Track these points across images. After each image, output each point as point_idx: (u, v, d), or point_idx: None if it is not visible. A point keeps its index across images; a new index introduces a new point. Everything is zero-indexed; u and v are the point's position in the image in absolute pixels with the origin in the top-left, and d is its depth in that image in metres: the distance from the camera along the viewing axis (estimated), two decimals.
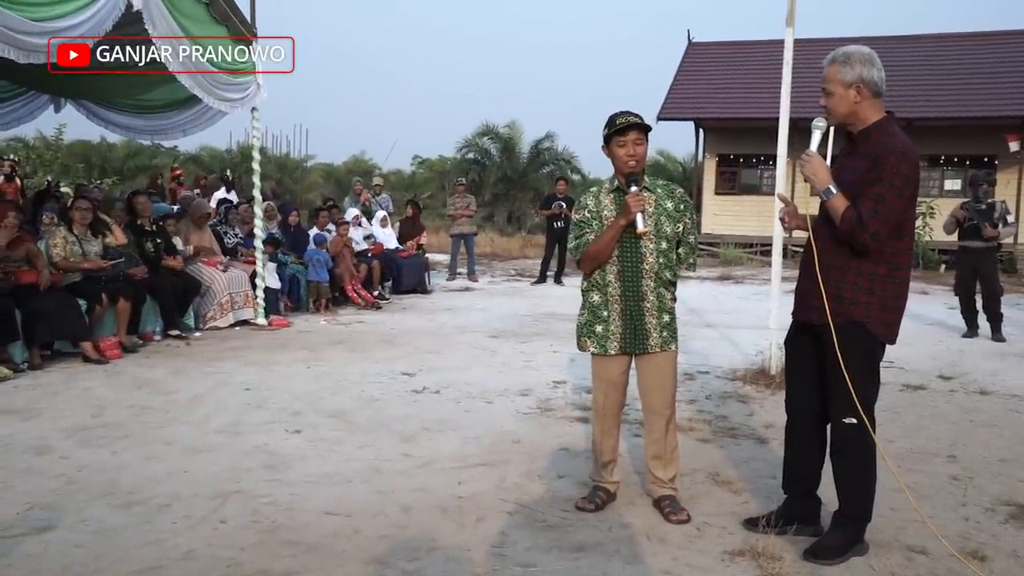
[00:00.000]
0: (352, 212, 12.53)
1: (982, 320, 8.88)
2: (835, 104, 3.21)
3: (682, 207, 3.67)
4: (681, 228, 3.66)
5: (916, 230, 17.71)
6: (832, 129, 3.32)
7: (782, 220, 3.56)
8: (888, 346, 3.30)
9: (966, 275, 8.98)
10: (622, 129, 3.57)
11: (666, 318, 3.67)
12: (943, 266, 17.43)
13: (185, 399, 5.72)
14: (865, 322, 3.16)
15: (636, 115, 3.61)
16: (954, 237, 9.19)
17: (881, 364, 3.34)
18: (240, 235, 9.91)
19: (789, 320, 3.53)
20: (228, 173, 16.54)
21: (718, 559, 3.24)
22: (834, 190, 3.14)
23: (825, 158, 3.27)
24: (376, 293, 11.38)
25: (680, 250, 3.71)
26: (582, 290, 3.81)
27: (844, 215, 3.09)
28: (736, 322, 9.76)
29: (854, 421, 3.18)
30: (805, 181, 3.27)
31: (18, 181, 12.40)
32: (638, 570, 3.14)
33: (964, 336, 8.83)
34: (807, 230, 3.31)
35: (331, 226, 11.26)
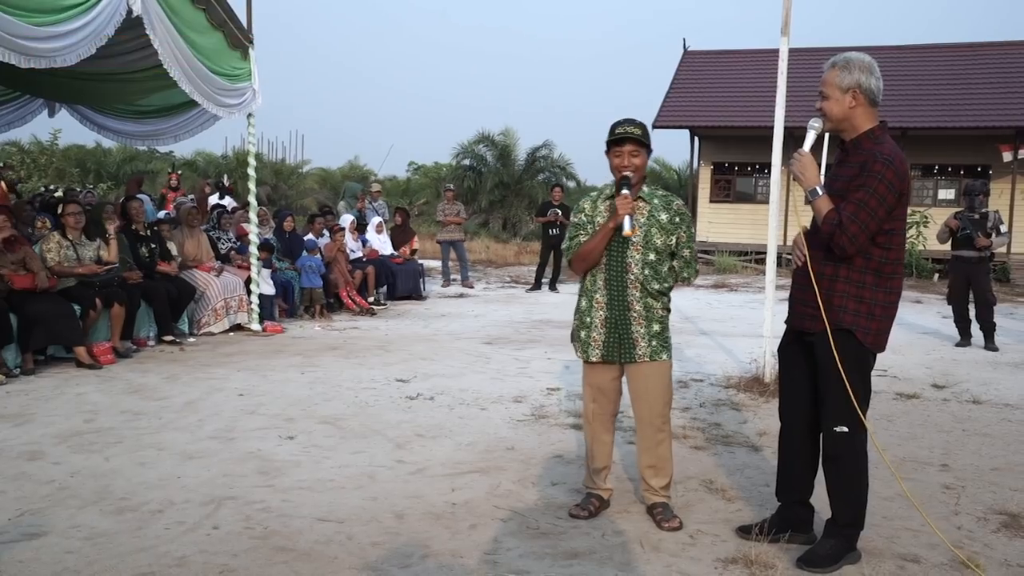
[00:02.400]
0: (347, 218, 12.54)
1: (975, 329, 8.92)
2: (831, 107, 3.25)
3: (678, 219, 3.65)
4: (675, 241, 3.65)
5: (910, 239, 17.86)
6: (827, 136, 3.34)
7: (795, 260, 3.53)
8: (883, 354, 3.31)
9: (959, 285, 9.01)
10: (619, 140, 3.58)
11: (656, 328, 3.66)
12: (936, 275, 17.51)
13: (178, 405, 5.71)
14: (854, 329, 3.19)
15: (637, 125, 3.61)
16: (948, 247, 9.23)
17: (874, 373, 3.35)
18: (233, 239, 9.91)
19: (783, 328, 3.54)
20: (224, 179, 16.51)
21: (711, 567, 3.24)
22: (820, 191, 3.19)
23: (819, 164, 3.29)
24: (371, 299, 11.38)
25: (674, 263, 3.71)
26: (577, 294, 3.83)
27: (827, 216, 3.13)
28: (730, 330, 9.77)
29: (846, 429, 3.20)
30: (794, 179, 3.31)
31: (3, 185, 12.35)
32: None
33: (957, 345, 8.86)
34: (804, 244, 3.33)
35: (326, 232, 11.26)
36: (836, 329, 3.16)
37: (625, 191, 3.55)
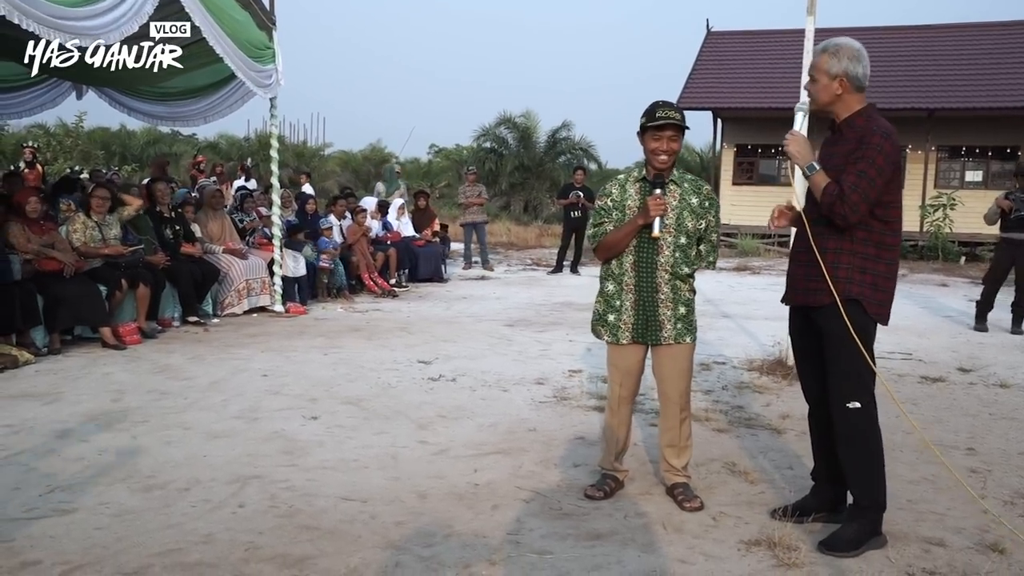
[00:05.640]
0: (370, 201, 12.58)
1: (1004, 312, 8.77)
2: (818, 92, 3.33)
3: (707, 204, 3.65)
4: (704, 225, 3.65)
5: (936, 222, 17.65)
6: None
7: (770, 224, 3.61)
8: (908, 337, 3.30)
9: (1002, 267, 8.80)
10: (660, 125, 3.54)
11: (682, 310, 3.65)
12: (963, 258, 17.29)
13: (203, 385, 5.77)
14: (861, 299, 3.21)
15: (677, 110, 3.57)
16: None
17: (900, 356, 3.34)
18: (257, 221, 9.99)
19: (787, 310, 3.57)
20: (248, 161, 16.72)
21: (734, 548, 3.24)
22: (817, 166, 3.24)
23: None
24: (393, 281, 11.41)
25: (701, 247, 3.70)
26: (600, 277, 3.81)
27: (826, 189, 3.18)
28: (753, 312, 9.72)
29: (858, 405, 3.19)
30: (788, 159, 3.34)
31: (39, 168, 12.53)
32: (654, 559, 3.15)
33: (974, 329, 8.70)
34: (799, 225, 3.37)
35: (347, 215, 11.30)
36: (844, 300, 3.18)
37: (658, 191, 3.53)
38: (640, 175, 3.69)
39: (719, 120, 21.59)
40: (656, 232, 3.51)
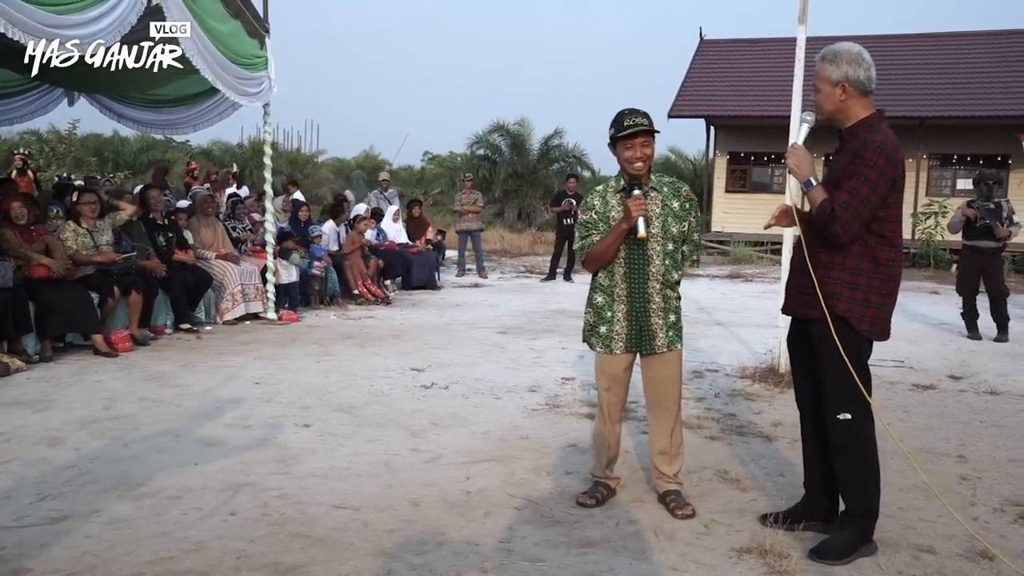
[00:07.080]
0: (361, 207, 12.58)
1: (984, 323, 8.80)
2: (822, 101, 3.28)
3: (687, 205, 3.67)
4: (686, 227, 3.67)
5: (928, 230, 17.71)
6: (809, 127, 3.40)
7: (769, 224, 3.58)
8: (899, 345, 3.31)
9: (972, 275, 8.87)
10: (631, 134, 3.54)
11: (672, 318, 3.67)
12: (954, 266, 17.34)
13: (196, 392, 5.76)
14: (848, 316, 3.18)
15: (644, 115, 3.57)
16: (958, 237, 9.04)
17: (891, 364, 3.34)
18: (250, 227, 9.99)
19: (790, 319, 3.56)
20: (233, 166, 16.76)
21: (725, 556, 3.25)
22: (814, 182, 3.21)
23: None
24: (388, 283, 11.41)
25: (684, 247, 3.71)
26: (589, 288, 3.82)
27: (820, 206, 3.15)
28: (745, 320, 9.75)
29: (848, 416, 3.20)
30: (789, 172, 3.33)
31: (30, 174, 12.51)
32: (645, 567, 3.15)
33: (969, 338, 8.75)
34: (795, 223, 3.36)
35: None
36: (831, 316, 3.16)
37: (637, 192, 3.52)
38: (619, 185, 3.68)
39: (712, 128, 21.66)
40: (641, 232, 3.49)
